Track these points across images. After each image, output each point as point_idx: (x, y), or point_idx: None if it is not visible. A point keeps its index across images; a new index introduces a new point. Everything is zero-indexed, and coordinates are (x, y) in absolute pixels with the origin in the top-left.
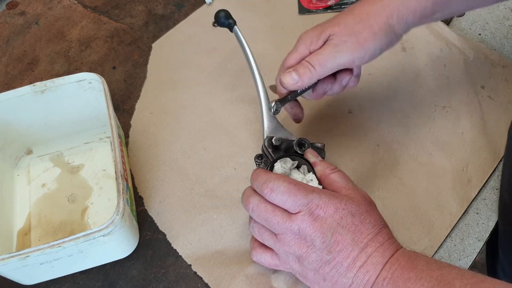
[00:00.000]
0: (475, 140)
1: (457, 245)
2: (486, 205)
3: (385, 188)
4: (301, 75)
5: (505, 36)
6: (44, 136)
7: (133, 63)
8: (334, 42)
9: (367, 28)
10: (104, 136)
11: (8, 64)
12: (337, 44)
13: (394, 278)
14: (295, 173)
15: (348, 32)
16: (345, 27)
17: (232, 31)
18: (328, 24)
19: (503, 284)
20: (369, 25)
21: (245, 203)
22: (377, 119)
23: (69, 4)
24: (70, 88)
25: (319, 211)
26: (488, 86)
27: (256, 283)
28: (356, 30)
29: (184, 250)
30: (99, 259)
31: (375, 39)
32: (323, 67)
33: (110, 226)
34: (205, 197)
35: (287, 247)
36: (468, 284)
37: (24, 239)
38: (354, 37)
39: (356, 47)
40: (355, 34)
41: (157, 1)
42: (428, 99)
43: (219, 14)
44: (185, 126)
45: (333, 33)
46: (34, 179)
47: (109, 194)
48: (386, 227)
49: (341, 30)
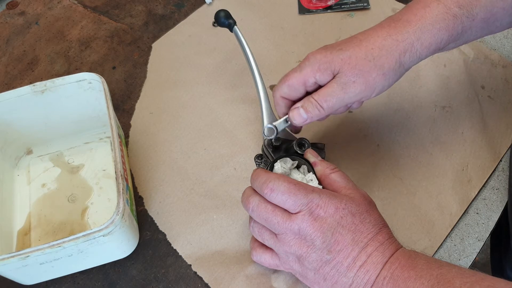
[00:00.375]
0: (475, 140)
1: (457, 245)
2: (486, 205)
3: (385, 188)
4: (310, 113)
5: (505, 36)
6: (44, 136)
7: (133, 63)
8: (342, 80)
9: (378, 68)
10: (104, 136)
11: (8, 64)
12: (345, 83)
13: (394, 277)
14: (295, 173)
15: (357, 73)
16: (355, 67)
17: (232, 31)
18: (338, 56)
19: (503, 282)
20: (380, 65)
21: (245, 203)
22: (377, 119)
23: (69, 4)
24: (70, 88)
25: (319, 211)
26: (488, 86)
27: (256, 283)
28: (366, 70)
29: (184, 250)
30: (99, 259)
31: (384, 79)
32: (331, 107)
33: (110, 226)
34: (205, 197)
35: (287, 247)
36: (468, 282)
37: (24, 239)
38: (363, 77)
39: (365, 88)
40: (364, 74)
41: (157, 1)
42: (428, 99)
43: (219, 14)
44: (185, 126)
45: (342, 70)
46: (34, 179)
47: (109, 194)
48: (386, 227)
49: (351, 68)
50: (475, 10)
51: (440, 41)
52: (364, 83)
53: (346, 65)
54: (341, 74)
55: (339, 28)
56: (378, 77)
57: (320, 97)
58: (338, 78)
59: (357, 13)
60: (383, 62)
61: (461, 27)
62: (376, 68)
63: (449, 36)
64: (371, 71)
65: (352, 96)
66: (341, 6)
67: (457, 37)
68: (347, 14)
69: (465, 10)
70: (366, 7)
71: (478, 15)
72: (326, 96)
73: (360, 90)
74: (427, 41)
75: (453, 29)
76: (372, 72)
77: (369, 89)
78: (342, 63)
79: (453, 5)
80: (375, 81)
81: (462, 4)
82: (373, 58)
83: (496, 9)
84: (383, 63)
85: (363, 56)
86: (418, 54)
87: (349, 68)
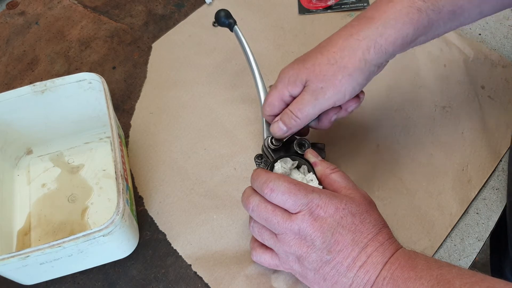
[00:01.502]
0: (475, 140)
1: (457, 245)
2: (486, 205)
3: (385, 188)
4: (288, 125)
5: (505, 36)
6: (44, 136)
7: (133, 63)
8: (311, 88)
9: (342, 70)
10: (104, 136)
11: (8, 64)
12: (314, 90)
13: (394, 278)
14: (295, 173)
15: (322, 78)
16: (319, 73)
17: (233, 31)
18: (304, 66)
19: (503, 283)
20: (343, 67)
21: (245, 203)
22: (377, 119)
23: (69, 4)
24: (70, 88)
25: (319, 211)
26: (488, 86)
27: (256, 283)
28: (330, 74)
29: (184, 250)
30: (99, 259)
31: (351, 79)
32: (306, 115)
33: (110, 226)
34: (205, 197)
35: (287, 247)
36: (468, 283)
37: (24, 239)
38: (328, 82)
39: (333, 92)
40: (329, 78)
41: (157, 1)
42: (428, 99)
43: (219, 14)
44: (185, 126)
45: (309, 79)
46: (34, 179)
47: (109, 194)
48: (386, 227)
49: (316, 75)
50: (440, 2)
51: (406, 35)
52: (332, 87)
53: (312, 73)
54: (309, 83)
55: (339, 28)
56: (344, 79)
57: (294, 108)
58: (307, 87)
59: (357, 13)
60: (346, 62)
61: (427, 20)
62: (340, 70)
63: (414, 29)
64: (336, 74)
65: (324, 101)
66: (341, 6)
67: (424, 31)
68: (347, 14)
69: (430, 3)
70: (366, 7)
71: (444, 8)
72: (299, 105)
73: (330, 95)
74: (391, 36)
75: (418, 22)
76: (337, 75)
77: (338, 93)
78: (308, 72)
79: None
80: (342, 83)
81: None
82: (336, 61)
83: (462, 1)
84: (346, 64)
85: (326, 61)
86: (384, 49)
87: (315, 75)
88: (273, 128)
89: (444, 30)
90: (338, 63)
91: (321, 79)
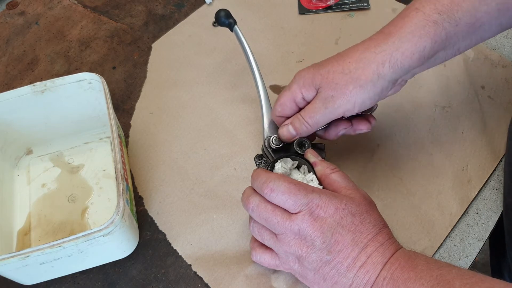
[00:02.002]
0: (475, 140)
1: (457, 245)
2: (486, 205)
3: (385, 188)
4: (297, 129)
5: (505, 36)
6: (44, 136)
7: (133, 63)
8: (322, 96)
9: (354, 81)
10: (104, 136)
11: (8, 64)
12: (325, 98)
13: (394, 278)
14: (295, 173)
15: (334, 86)
16: (332, 81)
17: (233, 31)
18: (319, 72)
19: (503, 284)
20: (356, 78)
21: (245, 203)
22: (377, 119)
23: (69, 4)
24: (70, 88)
25: (319, 211)
26: (488, 86)
27: (256, 283)
28: (342, 83)
29: (184, 250)
30: (99, 259)
31: (362, 92)
32: (316, 123)
33: (110, 226)
34: (205, 197)
35: (287, 247)
36: (468, 283)
37: (24, 239)
38: (339, 91)
39: (343, 101)
40: (341, 88)
41: (157, 1)
42: (428, 99)
43: (219, 14)
44: (185, 126)
45: (321, 86)
46: (34, 179)
47: (109, 194)
48: (386, 227)
49: (328, 83)
50: (457, 15)
51: (423, 49)
52: (342, 96)
53: (325, 80)
54: (321, 89)
55: (339, 28)
56: (355, 89)
57: (305, 114)
58: (319, 93)
59: (357, 13)
60: (359, 74)
61: (444, 33)
62: (352, 81)
63: (432, 43)
64: (348, 85)
65: (333, 110)
66: (341, 6)
67: (442, 45)
68: (347, 14)
69: (446, 15)
70: (366, 7)
71: (461, 20)
72: (311, 112)
73: (339, 104)
74: (408, 50)
75: (435, 35)
76: (349, 85)
77: (348, 103)
78: (321, 78)
79: (432, 11)
80: (352, 94)
81: (442, 10)
82: (350, 71)
83: (480, 14)
84: (359, 76)
85: (340, 70)
86: (399, 64)
87: (327, 83)
88: (283, 131)
89: (464, 45)
90: (351, 74)
91: (333, 88)
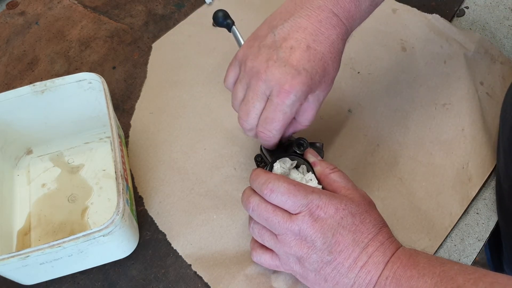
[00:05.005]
0: (476, 137)
1: (457, 245)
2: (486, 205)
3: (385, 188)
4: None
5: (505, 36)
6: (44, 136)
7: (133, 63)
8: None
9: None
10: (104, 136)
11: (8, 64)
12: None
13: (397, 277)
14: (294, 173)
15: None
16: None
17: (230, 31)
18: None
19: (506, 277)
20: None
21: (245, 203)
22: (377, 119)
23: (69, 4)
24: (70, 88)
25: (319, 212)
26: (486, 82)
27: (256, 283)
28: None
29: (184, 250)
30: (99, 259)
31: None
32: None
33: (110, 226)
34: (205, 197)
35: (288, 248)
36: (472, 278)
37: (24, 239)
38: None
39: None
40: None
41: (157, 1)
42: (428, 98)
43: (217, 14)
44: (185, 126)
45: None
46: (34, 179)
47: (109, 194)
48: (386, 226)
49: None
50: None
51: None
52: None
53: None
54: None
55: None
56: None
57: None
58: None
59: None
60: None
61: None
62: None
63: None
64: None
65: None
66: None
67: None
68: None
69: None
70: None
71: None
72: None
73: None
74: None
75: None
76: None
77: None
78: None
79: None
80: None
81: None
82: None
83: None
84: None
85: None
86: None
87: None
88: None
89: None
90: None
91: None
